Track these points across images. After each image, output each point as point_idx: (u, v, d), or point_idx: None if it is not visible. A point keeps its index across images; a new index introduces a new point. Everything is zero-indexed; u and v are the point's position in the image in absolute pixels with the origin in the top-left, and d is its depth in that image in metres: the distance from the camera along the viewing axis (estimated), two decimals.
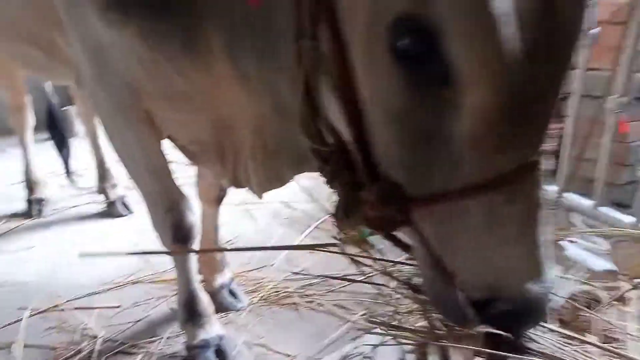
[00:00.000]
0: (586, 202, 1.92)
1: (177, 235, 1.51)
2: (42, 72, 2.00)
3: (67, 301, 1.97)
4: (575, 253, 1.80)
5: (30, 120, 2.84)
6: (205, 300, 1.68)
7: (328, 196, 2.92)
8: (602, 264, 1.83)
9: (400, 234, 0.93)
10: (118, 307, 1.95)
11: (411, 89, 0.70)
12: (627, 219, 1.79)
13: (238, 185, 1.47)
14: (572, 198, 1.99)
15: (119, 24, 1.15)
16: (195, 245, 1.58)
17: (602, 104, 2.02)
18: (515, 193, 0.70)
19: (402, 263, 1.25)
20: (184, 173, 1.99)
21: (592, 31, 1.82)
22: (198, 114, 1.31)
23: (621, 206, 2.14)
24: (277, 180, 1.34)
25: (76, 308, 1.93)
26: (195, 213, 1.55)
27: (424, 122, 0.71)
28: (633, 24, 1.69)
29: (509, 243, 0.72)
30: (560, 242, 1.68)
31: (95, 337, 1.77)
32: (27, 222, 2.71)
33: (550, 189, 2.06)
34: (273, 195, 2.80)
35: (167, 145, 1.48)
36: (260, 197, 1.44)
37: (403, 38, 0.66)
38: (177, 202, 1.49)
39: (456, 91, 0.67)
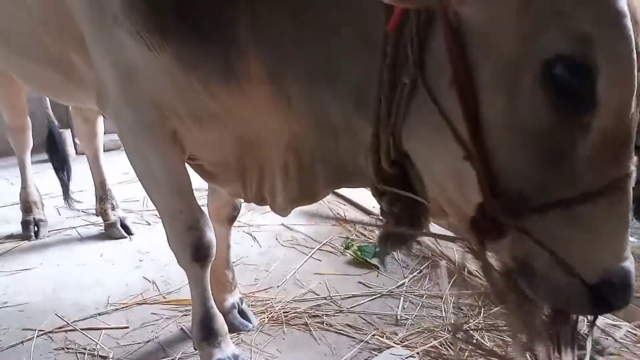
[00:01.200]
0: None
1: (196, 253, 1.51)
2: (54, 93, 1.98)
3: (74, 322, 1.94)
4: None
5: (30, 141, 2.82)
6: (220, 319, 1.67)
7: (328, 219, 2.97)
8: None
9: None
10: (127, 327, 1.92)
11: (555, 113, 0.81)
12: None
13: (260, 202, 1.49)
14: None
15: (157, 48, 1.17)
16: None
17: None
18: (619, 196, 0.84)
19: None
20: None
21: None
22: (225, 133, 1.33)
23: None
24: (310, 196, 1.37)
25: (83, 329, 1.90)
26: (213, 231, 1.56)
27: (559, 141, 0.83)
28: None
29: (615, 234, 0.87)
30: None
31: (105, 357, 1.75)
32: (24, 243, 2.66)
33: None
34: (274, 218, 2.86)
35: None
36: (284, 214, 1.47)
37: (562, 72, 0.78)
38: (198, 220, 1.50)
39: (593, 117, 0.80)
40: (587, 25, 0.75)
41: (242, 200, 1.67)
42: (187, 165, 1.47)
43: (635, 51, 0.76)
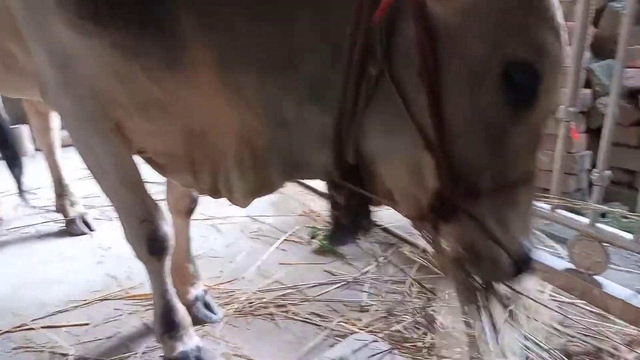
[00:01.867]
0: (544, 205, 2.04)
1: (153, 246, 1.49)
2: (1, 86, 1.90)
3: (33, 320, 1.89)
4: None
5: None
6: (182, 312, 1.66)
7: (294, 209, 2.97)
8: (561, 264, 1.96)
9: None
10: (87, 324, 1.88)
11: (507, 109, 0.93)
12: (583, 219, 1.92)
13: (216, 195, 1.47)
14: None
15: (93, 35, 1.14)
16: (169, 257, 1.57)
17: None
18: (533, 184, 1.01)
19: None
20: (153, 186, 1.97)
21: None
22: (173, 123, 1.30)
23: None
24: (266, 187, 1.34)
25: (43, 327, 1.86)
26: (169, 224, 1.54)
27: (506, 133, 0.95)
28: (577, 41, 1.84)
29: (528, 216, 1.03)
30: None
31: (65, 355, 1.71)
32: None
33: None
34: (239, 210, 2.84)
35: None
36: (243, 206, 1.45)
37: (518, 74, 0.90)
38: (152, 213, 1.47)
39: (532, 113, 0.95)
40: (543, 38, 0.90)
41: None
42: (138, 158, 1.44)
43: None
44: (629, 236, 1.79)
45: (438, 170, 0.96)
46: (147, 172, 1.47)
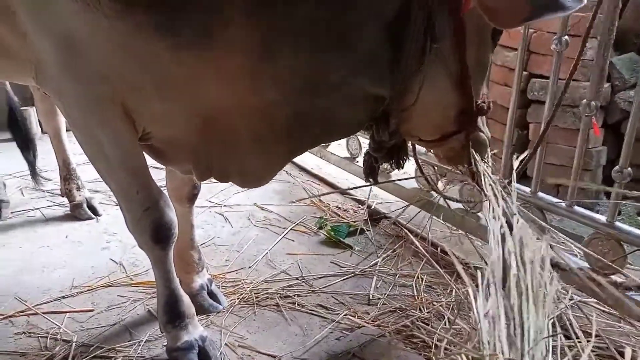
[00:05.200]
0: (560, 202, 1.99)
1: (157, 234, 1.46)
2: None
3: (36, 305, 1.87)
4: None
5: None
6: (186, 301, 1.63)
7: (301, 198, 2.93)
8: (576, 262, 1.90)
9: None
10: (91, 310, 1.86)
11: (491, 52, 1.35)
12: (601, 217, 1.86)
13: (225, 179, 1.44)
14: (545, 198, 2.06)
15: (115, 17, 1.07)
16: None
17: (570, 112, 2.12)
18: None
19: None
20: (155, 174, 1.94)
21: (564, 38, 1.90)
22: (187, 104, 1.27)
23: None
24: (287, 157, 1.43)
25: (46, 312, 1.84)
26: (173, 211, 1.50)
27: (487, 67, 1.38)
28: (602, 34, 1.77)
29: None
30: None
31: (68, 341, 1.69)
32: None
33: (523, 190, 2.12)
34: (246, 198, 2.81)
35: None
36: (259, 185, 1.49)
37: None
38: (157, 200, 1.43)
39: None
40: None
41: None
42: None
43: None
44: None
45: (465, 96, 1.28)
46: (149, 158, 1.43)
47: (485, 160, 1.45)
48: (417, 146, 1.80)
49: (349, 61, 1.19)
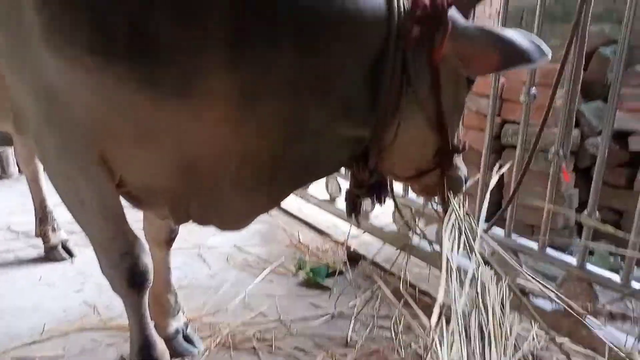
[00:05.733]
0: (533, 244, 2.03)
1: (132, 280, 1.44)
2: None
3: (3, 352, 1.81)
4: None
5: None
6: (160, 347, 1.60)
7: (281, 240, 2.93)
8: (549, 304, 1.93)
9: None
10: (62, 356, 1.81)
11: (465, 94, 1.39)
12: (571, 259, 1.90)
13: (205, 223, 1.44)
14: (519, 241, 2.10)
15: (95, 69, 1.06)
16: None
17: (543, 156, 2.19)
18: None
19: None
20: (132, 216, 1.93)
21: (532, 91, 2.00)
22: (166, 151, 1.26)
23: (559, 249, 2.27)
24: (270, 202, 1.43)
25: (14, 358, 1.78)
26: (149, 255, 1.49)
27: (462, 108, 1.44)
28: (569, 84, 1.87)
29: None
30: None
31: None
32: None
33: (497, 233, 2.17)
34: (225, 239, 2.80)
35: None
36: (238, 229, 1.49)
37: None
38: (132, 246, 1.42)
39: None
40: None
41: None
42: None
43: None
44: (616, 277, 1.78)
45: (441, 137, 1.34)
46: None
47: (458, 198, 1.49)
48: (395, 187, 1.84)
49: (330, 107, 1.23)
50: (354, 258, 2.64)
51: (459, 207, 1.44)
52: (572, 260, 1.91)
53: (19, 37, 1.13)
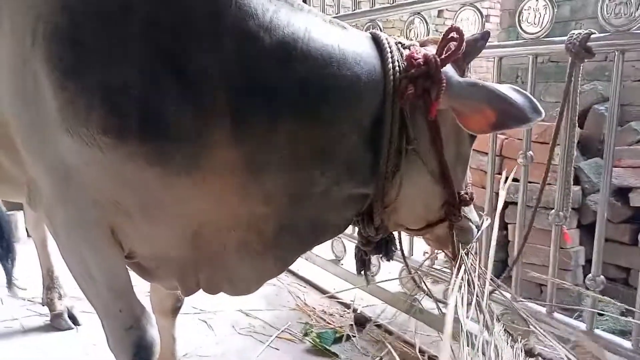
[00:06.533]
0: (540, 309, 2.02)
1: (138, 353, 1.43)
2: None
3: None
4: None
5: None
6: None
7: (287, 303, 2.91)
8: None
9: None
10: None
11: (469, 147, 1.45)
12: (580, 325, 1.88)
13: (214, 291, 1.46)
14: (526, 305, 2.09)
15: (107, 149, 1.11)
16: None
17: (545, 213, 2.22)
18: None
19: None
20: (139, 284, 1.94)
21: (529, 153, 2.05)
22: (173, 223, 1.30)
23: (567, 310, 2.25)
24: (278, 267, 1.42)
25: None
26: (155, 328, 1.49)
27: (467, 159, 1.48)
28: (564, 144, 1.91)
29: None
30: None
31: None
32: None
33: (505, 295, 2.15)
34: (230, 303, 2.78)
35: None
36: (249, 293, 1.48)
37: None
38: (139, 319, 1.41)
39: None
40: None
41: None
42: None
43: None
44: (627, 344, 1.75)
45: (447, 189, 1.37)
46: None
47: (469, 249, 1.51)
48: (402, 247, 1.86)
49: (333, 171, 1.25)
50: (361, 321, 2.62)
51: (468, 259, 1.46)
52: (581, 324, 1.89)
53: (37, 117, 1.19)
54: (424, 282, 2.50)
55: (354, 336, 2.47)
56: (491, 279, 1.50)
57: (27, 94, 1.19)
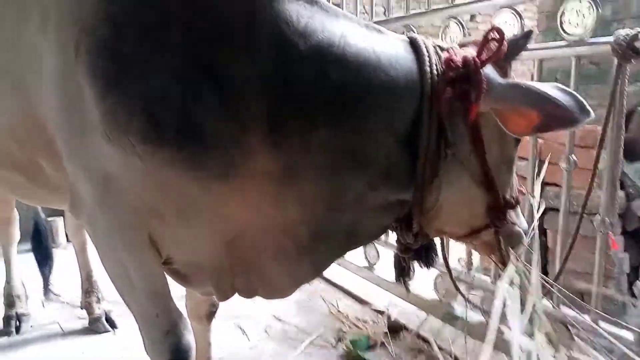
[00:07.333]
0: (585, 318, 1.94)
1: (174, 358, 1.44)
2: (27, 197, 1.85)
3: None
4: None
5: (16, 234, 2.78)
6: None
7: (320, 308, 2.89)
8: None
9: None
10: None
11: (514, 149, 1.39)
12: (626, 334, 1.80)
13: (250, 295, 1.46)
14: (569, 313, 2.01)
15: (146, 155, 1.13)
16: None
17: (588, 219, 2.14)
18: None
19: None
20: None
21: (572, 157, 1.98)
22: (210, 228, 1.30)
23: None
24: (314, 272, 1.42)
25: None
26: (192, 333, 1.50)
27: (513, 162, 1.41)
28: (608, 149, 1.84)
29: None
30: None
31: None
32: (2, 339, 2.56)
33: (545, 304, 2.08)
34: (263, 308, 2.78)
35: None
36: (285, 296, 1.48)
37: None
38: (176, 323, 1.42)
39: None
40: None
41: None
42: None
43: None
44: None
45: (491, 193, 1.31)
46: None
47: (518, 256, 1.41)
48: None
49: (369, 177, 1.24)
50: (395, 328, 2.57)
51: (517, 265, 1.35)
52: (628, 335, 1.80)
53: (80, 126, 1.21)
54: (459, 290, 2.45)
55: (388, 343, 2.43)
56: (546, 288, 1.41)
57: (70, 104, 1.22)
